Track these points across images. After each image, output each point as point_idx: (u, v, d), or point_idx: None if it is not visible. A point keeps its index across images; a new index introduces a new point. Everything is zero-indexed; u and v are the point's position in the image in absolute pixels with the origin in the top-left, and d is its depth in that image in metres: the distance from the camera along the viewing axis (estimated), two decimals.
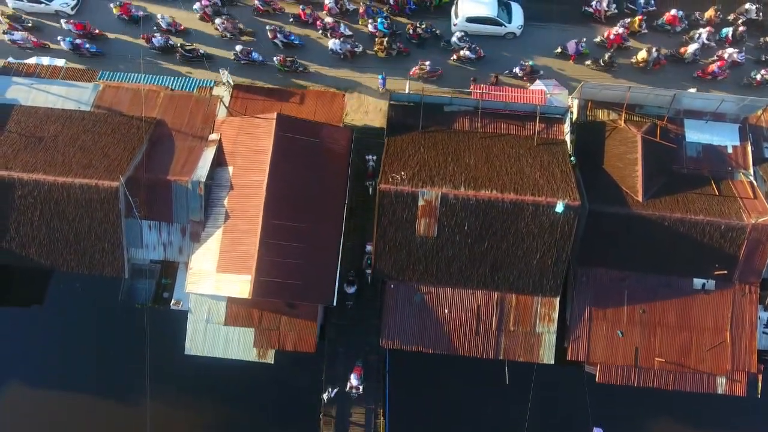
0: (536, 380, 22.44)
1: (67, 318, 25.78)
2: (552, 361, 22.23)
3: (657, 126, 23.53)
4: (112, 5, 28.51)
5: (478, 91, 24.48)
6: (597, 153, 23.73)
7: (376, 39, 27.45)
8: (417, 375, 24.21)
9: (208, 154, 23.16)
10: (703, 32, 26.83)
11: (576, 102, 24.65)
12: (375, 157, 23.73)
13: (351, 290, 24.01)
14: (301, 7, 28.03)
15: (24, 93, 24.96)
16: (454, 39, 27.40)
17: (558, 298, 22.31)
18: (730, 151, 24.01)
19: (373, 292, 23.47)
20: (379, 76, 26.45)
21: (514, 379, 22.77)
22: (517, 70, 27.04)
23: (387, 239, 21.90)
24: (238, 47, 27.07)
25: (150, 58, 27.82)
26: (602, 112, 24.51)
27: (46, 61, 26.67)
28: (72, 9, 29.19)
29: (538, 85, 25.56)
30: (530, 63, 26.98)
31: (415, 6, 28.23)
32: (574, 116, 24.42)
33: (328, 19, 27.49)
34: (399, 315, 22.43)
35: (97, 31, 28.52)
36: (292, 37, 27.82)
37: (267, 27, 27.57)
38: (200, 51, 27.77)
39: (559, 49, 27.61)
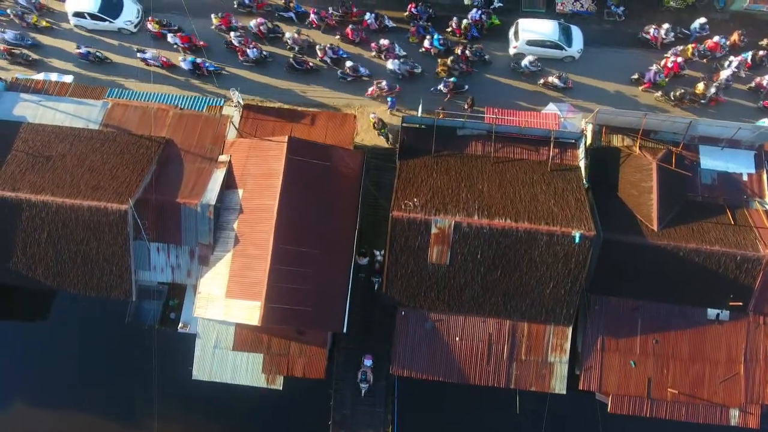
0: (547, 406, 22.24)
1: (74, 337, 25.53)
2: (564, 392, 21.97)
3: (672, 153, 23.27)
4: (213, 16, 28.24)
5: (491, 115, 24.12)
6: (611, 179, 23.46)
7: (440, 60, 27.19)
8: (426, 401, 23.98)
9: (218, 176, 22.88)
10: (734, 60, 26.55)
11: (590, 126, 24.36)
12: (382, 252, 23.37)
13: (363, 262, 23.98)
14: (350, 26, 27.75)
15: (32, 110, 24.64)
16: (525, 62, 27.06)
17: (570, 328, 22.06)
18: (745, 178, 23.73)
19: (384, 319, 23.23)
20: (389, 99, 26.14)
21: (525, 407, 22.59)
22: (441, 87, 26.86)
23: (399, 266, 21.64)
24: (348, 63, 26.91)
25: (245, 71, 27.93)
26: (616, 137, 24.23)
27: (54, 77, 26.40)
28: (135, 27, 28.84)
29: (552, 109, 25.25)
30: (452, 80, 26.73)
31: (477, 34, 27.95)
32: (588, 141, 24.14)
33: (384, 41, 27.21)
34: (410, 342, 22.18)
35: (201, 43, 28.18)
36: (341, 52, 27.64)
37: (317, 47, 27.41)
38: (310, 63, 27.54)
39: (636, 75, 27.32)
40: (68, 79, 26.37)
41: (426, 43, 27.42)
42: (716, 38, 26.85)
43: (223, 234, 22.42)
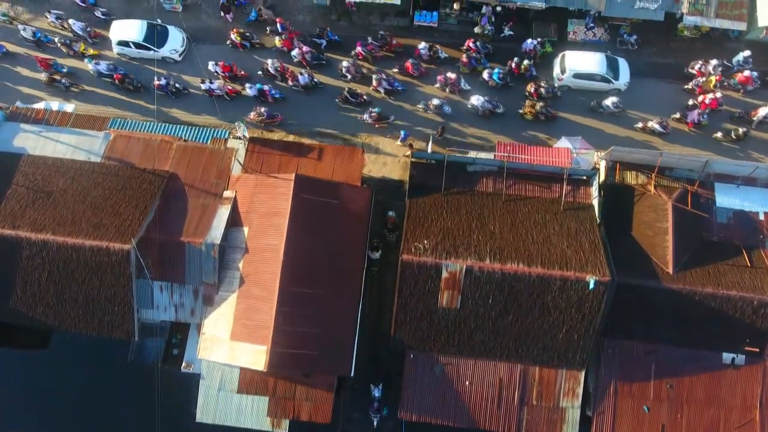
0: None
1: (74, 374, 24.99)
2: None
3: (688, 192, 22.73)
4: (276, 39, 27.73)
5: (503, 153, 23.52)
6: (625, 218, 22.92)
7: (527, 101, 26.74)
8: None
9: (223, 213, 22.33)
10: None
11: (603, 163, 23.84)
12: (382, 386, 23.17)
13: (375, 256, 23.80)
14: (410, 60, 27.20)
15: (32, 141, 24.02)
16: (607, 103, 26.48)
17: (583, 372, 21.60)
18: (761, 217, 23.19)
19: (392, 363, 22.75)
20: (402, 132, 25.63)
21: None
22: (366, 117, 26.58)
23: (408, 309, 21.15)
24: (435, 101, 26.41)
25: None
26: (630, 174, 23.69)
27: (55, 106, 25.81)
28: (180, 56, 28.21)
29: (564, 143, 24.70)
30: (377, 110, 26.48)
31: (536, 73, 27.43)
32: (601, 177, 23.62)
33: (451, 75, 26.70)
34: (419, 386, 21.68)
35: (242, 72, 27.73)
36: (396, 84, 27.23)
37: (373, 76, 26.97)
38: (364, 96, 27.17)
39: (678, 115, 26.74)
40: (69, 108, 25.79)
41: (485, 75, 26.97)
42: (747, 72, 26.32)
43: (228, 274, 21.92)
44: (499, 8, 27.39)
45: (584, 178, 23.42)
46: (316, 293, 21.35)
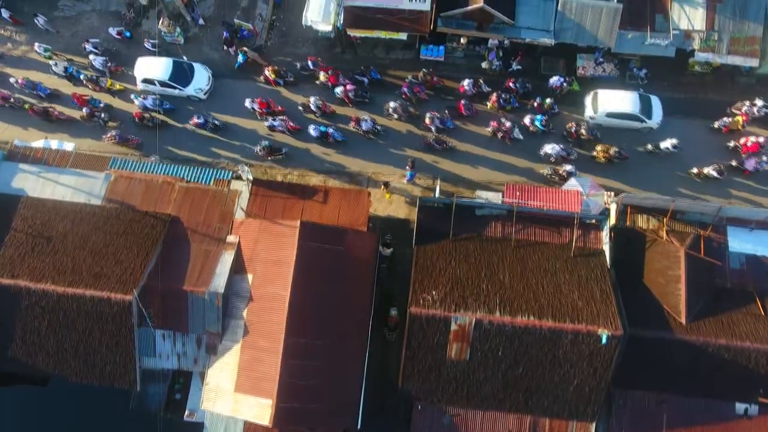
0: None
1: (74, 422, 24.55)
2: None
3: (701, 238, 22.31)
4: (322, 74, 27.26)
5: (513, 200, 23.04)
6: (636, 264, 22.48)
7: (599, 146, 26.25)
8: None
9: (226, 260, 21.87)
10: None
11: (614, 206, 23.42)
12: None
13: (386, 253, 23.80)
14: (463, 102, 26.72)
15: (31, 182, 23.54)
16: (666, 145, 25.86)
17: (594, 424, 21.21)
18: None
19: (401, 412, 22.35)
20: (408, 173, 25.19)
21: None
22: (257, 150, 26.38)
23: (416, 362, 20.73)
24: (568, 167, 25.63)
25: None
26: (641, 217, 23.27)
27: (54, 144, 25.29)
28: (204, 94, 27.65)
29: (574, 185, 24.21)
30: (266, 143, 26.33)
31: (558, 110, 26.99)
32: (612, 221, 23.19)
33: (507, 123, 26.16)
34: None
35: (279, 107, 27.31)
36: (448, 122, 26.80)
37: (426, 115, 26.47)
38: (449, 144, 26.71)
39: (734, 163, 26.08)
40: (69, 147, 25.27)
41: (526, 120, 26.50)
42: None
43: (232, 322, 21.47)
44: (507, 42, 26.92)
45: (594, 222, 22.99)
46: (322, 344, 20.93)
